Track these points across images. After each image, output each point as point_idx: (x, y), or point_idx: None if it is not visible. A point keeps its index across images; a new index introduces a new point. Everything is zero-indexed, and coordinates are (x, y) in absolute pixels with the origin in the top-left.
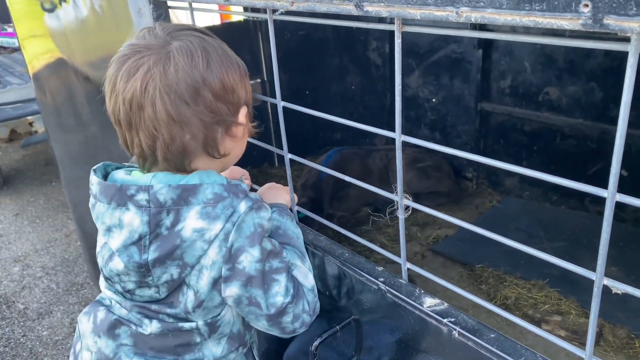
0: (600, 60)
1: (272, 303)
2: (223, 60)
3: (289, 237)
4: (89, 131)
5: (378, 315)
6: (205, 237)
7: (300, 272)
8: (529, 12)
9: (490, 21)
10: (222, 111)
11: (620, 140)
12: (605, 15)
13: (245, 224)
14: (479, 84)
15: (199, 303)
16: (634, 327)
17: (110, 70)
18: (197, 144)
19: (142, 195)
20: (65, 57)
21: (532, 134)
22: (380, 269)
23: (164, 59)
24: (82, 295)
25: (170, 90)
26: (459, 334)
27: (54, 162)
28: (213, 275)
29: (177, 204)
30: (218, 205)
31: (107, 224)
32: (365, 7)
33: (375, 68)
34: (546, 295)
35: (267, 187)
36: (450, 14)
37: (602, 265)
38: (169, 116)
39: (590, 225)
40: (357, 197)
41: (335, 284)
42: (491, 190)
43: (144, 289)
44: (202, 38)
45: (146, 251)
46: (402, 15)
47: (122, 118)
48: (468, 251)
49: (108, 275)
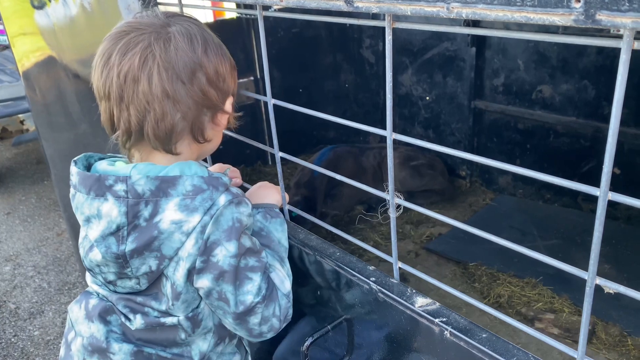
0: (593, 59)
1: (242, 301)
2: (218, 50)
3: (270, 240)
4: (79, 129)
5: (369, 315)
6: (183, 229)
7: (278, 275)
8: (520, 7)
9: (482, 17)
10: (212, 96)
11: (613, 138)
12: (597, 11)
13: (223, 217)
14: (473, 82)
15: (177, 295)
16: (626, 324)
17: (105, 45)
18: (185, 125)
19: (120, 186)
20: (55, 54)
21: (525, 132)
22: (372, 269)
23: (165, 37)
24: (74, 294)
25: (169, 66)
26: (450, 334)
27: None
28: (187, 266)
29: (156, 195)
30: (197, 198)
31: (86, 214)
32: (355, 3)
33: (368, 66)
34: (539, 293)
35: (258, 187)
36: (441, 10)
37: (594, 264)
38: (164, 92)
39: (583, 223)
40: (350, 196)
41: (326, 283)
42: (485, 188)
43: (125, 280)
44: (201, 27)
45: (124, 242)
46: (392, 11)
47: (114, 91)
48: (461, 249)
49: (89, 266)
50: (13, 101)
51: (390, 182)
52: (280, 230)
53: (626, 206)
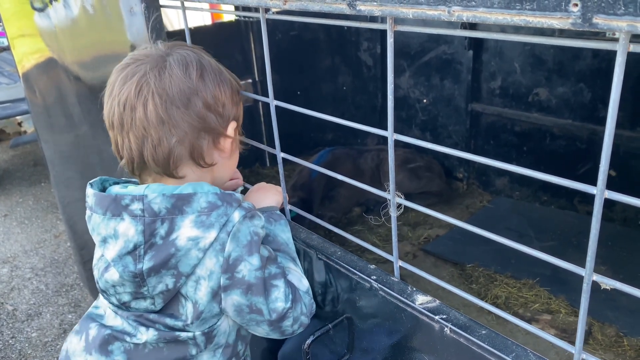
0: (589, 62)
1: (274, 309)
2: (216, 76)
3: (278, 243)
4: (79, 131)
5: (370, 313)
6: (200, 245)
7: (295, 275)
8: (519, 11)
9: (482, 20)
10: (210, 120)
11: (609, 138)
12: (594, 15)
13: (240, 233)
14: (470, 84)
15: (198, 314)
16: (622, 325)
17: (111, 77)
18: (183, 149)
19: (137, 205)
20: (55, 56)
21: (522, 134)
22: (373, 267)
23: (160, 66)
24: (71, 296)
25: (162, 92)
26: (450, 331)
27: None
28: (212, 285)
29: (172, 213)
30: (212, 214)
31: (102, 234)
32: (358, 6)
33: (366, 68)
34: (536, 294)
35: (256, 188)
36: (442, 13)
37: (591, 261)
38: (158, 117)
39: (580, 224)
40: (348, 197)
41: (327, 282)
42: (482, 190)
43: (139, 301)
44: (199, 54)
45: (141, 260)
46: (394, 15)
47: (116, 119)
48: (459, 251)
49: (103, 287)
50: (11, 103)
51: (391, 181)
52: (285, 231)
53: (622, 208)
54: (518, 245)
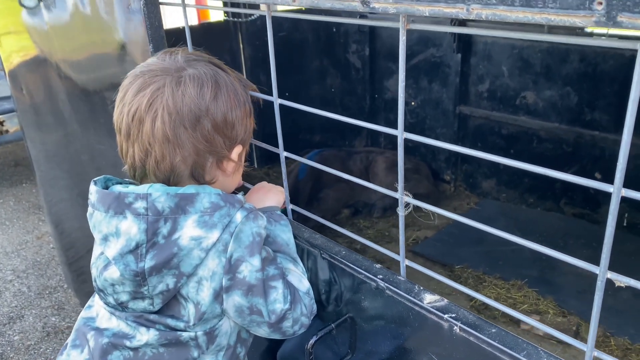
0: (575, 66)
1: (272, 310)
2: (231, 96)
3: (278, 244)
4: (68, 130)
5: (376, 312)
6: (203, 245)
7: (294, 276)
8: (542, 9)
9: (502, 18)
10: (217, 143)
11: (628, 136)
12: (618, 13)
13: (243, 234)
14: (458, 87)
15: (201, 315)
16: (609, 325)
17: (125, 82)
18: (185, 167)
19: (140, 203)
20: (46, 54)
21: (509, 137)
22: (378, 266)
23: (175, 82)
24: (55, 298)
25: (173, 111)
26: (460, 330)
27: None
28: (214, 286)
29: (175, 213)
30: (215, 214)
31: (103, 232)
32: (371, 4)
33: (355, 71)
34: (525, 295)
35: (257, 188)
36: (460, 11)
37: (605, 259)
38: (165, 135)
39: (566, 226)
40: (336, 199)
41: (331, 282)
42: (469, 192)
43: (138, 301)
44: (217, 71)
45: (143, 259)
46: (409, 12)
47: (123, 127)
48: (447, 252)
49: (102, 286)
50: None
51: (400, 180)
52: (286, 231)
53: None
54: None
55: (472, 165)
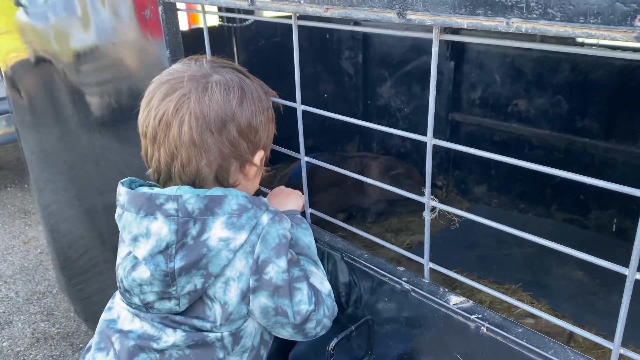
0: (566, 75)
1: (298, 311)
2: (255, 102)
3: (300, 247)
4: (67, 131)
5: (399, 314)
6: (231, 246)
7: (317, 278)
8: (583, 24)
9: (542, 32)
10: (241, 147)
11: None
12: None
13: (269, 235)
14: (450, 94)
15: (228, 315)
16: (601, 328)
17: (151, 87)
18: (210, 171)
19: (171, 205)
20: (48, 55)
21: (501, 143)
22: (402, 269)
23: (202, 87)
24: (44, 304)
25: (200, 116)
26: (487, 330)
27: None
28: (241, 287)
29: (204, 214)
30: (243, 216)
31: (133, 233)
32: (408, 16)
33: (347, 77)
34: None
35: (277, 192)
36: (500, 24)
37: (635, 260)
38: (192, 139)
39: (557, 232)
40: (331, 203)
41: (351, 284)
42: (460, 197)
43: (164, 302)
44: (242, 78)
45: (172, 260)
46: (447, 24)
47: (150, 131)
48: (441, 257)
49: (129, 286)
50: None
51: (427, 185)
52: (307, 234)
53: (597, 215)
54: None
55: (464, 171)
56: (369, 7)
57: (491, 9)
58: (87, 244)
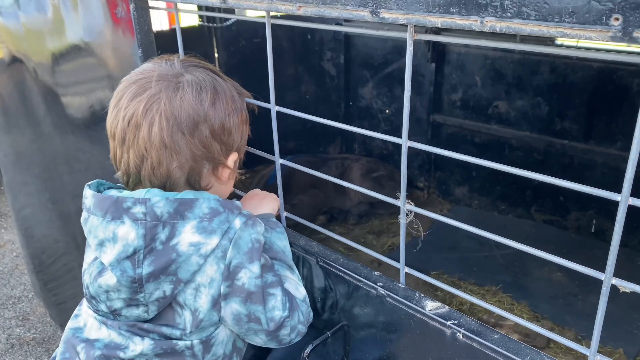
0: (546, 77)
1: (271, 318)
2: (229, 103)
3: (274, 251)
4: (43, 132)
5: (375, 319)
6: (201, 251)
7: (291, 283)
8: (558, 24)
9: (516, 31)
10: (214, 149)
11: (637, 146)
12: (635, 29)
13: (242, 240)
14: (431, 96)
15: (198, 323)
16: (580, 329)
17: (120, 86)
18: (181, 174)
19: (139, 208)
20: (20, 56)
21: (481, 145)
22: (378, 274)
23: (173, 87)
24: (19, 309)
25: (170, 116)
26: (463, 336)
27: None
28: (212, 293)
29: (173, 218)
30: (214, 220)
31: (100, 237)
32: (381, 14)
33: (329, 78)
34: (499, 301)
35: (251, 195)
36: (474, 23)
37: (611, 266)
38: (162, 141)
39: (537, 232)
40: (312, 206)
41: (327, 289)
42: (441, 199)
43: (132, 309)
44: (215, 78)
45: (140, 265)
46: (421, 23)
47: (118, 132)
48: (423, 258)
49: (95, 292)
50: None
51: (402, 188)
52: (282, 238)
53: (576, 217)
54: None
55: (445, 172)
56: (342, 5)
57: (465, 8)
58: (62, 248)
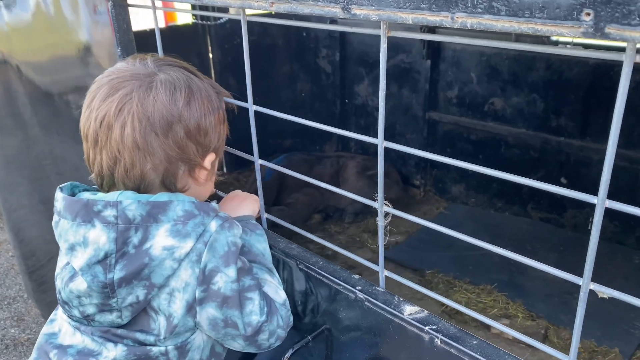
0: (542, 73)
1: (248, 322)
2: (204, 102)
3: (254, 254)
4: (29, 134)
5: (354, 324)
6: (175, 255)
7: (271, 287)
8: (528, 19)
9: (487, 27)
10: (190, 150)
11: (612, 148)
12: (607, 25)
13: (218, 243)
14: (427, 93)
15: (172, 328)
16: None
17: (92, 87)
18: (156, 176)
19: (110, 211)
20: (5, 56)
21: (477, 142)
22: (357, 277)
23: (146, 87)
24: (14, 309)
25: (143, 117)
26: (441, 342)
27: None
28: (187, 298)
29: (146, 221)
30: (189, 223)
31: (70, 241)
32: (352, 10)
33: (325, 75)
34: (494, 300)
35: (231, 197)
36: (445, 19)
37: (589, 270)
38: (135, 142)
39: (533, 230)
40: (307, 204)
41: (308, 292)
42: (438, 197)
43: (105, 314)
44: (189, 77)
45: (112, 270)
46: (392, 19)
47: (91, 134)
48: (418, 257)
49: (67, 298)
50: None
51: (380, 190)
52: (262, 241)
53: (572, 214)
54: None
55: (442, 170)
56: (313, 2)
57: (435, 3)
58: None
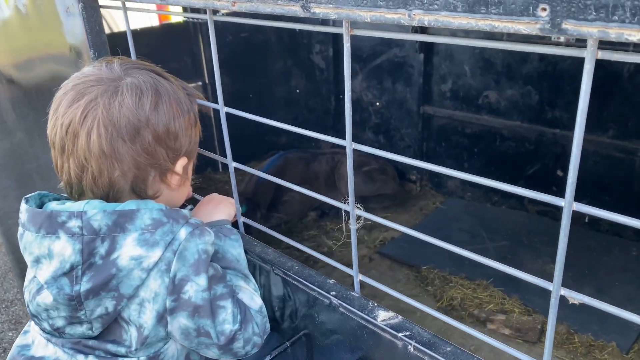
0: (536, 65)
1: (221, 331)
2: (173, 105)
3: (228, 260)
4: (14, 138)
5: (330, 329)
6: (144, 265)
7: (246, 294)
8: (485, 15)
9: (445, 25)
10: (159, 155)
11: (577, 149)
12: (563, 20)
13: (187, 251)
14: (421, 87)
15: (144, 339)
16: (572, 322)
17: (58, 93)
18: (125, 182)
19: (75, 222)
20: None
21: (472, 136)
22: (332, 282)
23: (112, 92)
24: (12, 312)
25: (109, 124)
26: (414, 349)
27: None
28: (157, 308)
29: (113, 231)
30: (157, 232)
31: (35, 254)
32: (312, 9)
33: (319, 71)
34: (490, 295)
35: (207, 200)
36: (402, 17)
37: (559, 276)
38: (101, 149)
39: (530, 224)
40: (302, 202)
41: (286, 298)
42: (434, 192)
43: (75, 326)
44: (157, 79)
45: (78, 282)
46: (351, 18)
47: (57, 141)
48: (414, 253)
49: (35, 311)
50: None
51: (350, 194)
52: (236, 246)
53: None
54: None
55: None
56: (273, 1)
57: (392, 1)
58: None
